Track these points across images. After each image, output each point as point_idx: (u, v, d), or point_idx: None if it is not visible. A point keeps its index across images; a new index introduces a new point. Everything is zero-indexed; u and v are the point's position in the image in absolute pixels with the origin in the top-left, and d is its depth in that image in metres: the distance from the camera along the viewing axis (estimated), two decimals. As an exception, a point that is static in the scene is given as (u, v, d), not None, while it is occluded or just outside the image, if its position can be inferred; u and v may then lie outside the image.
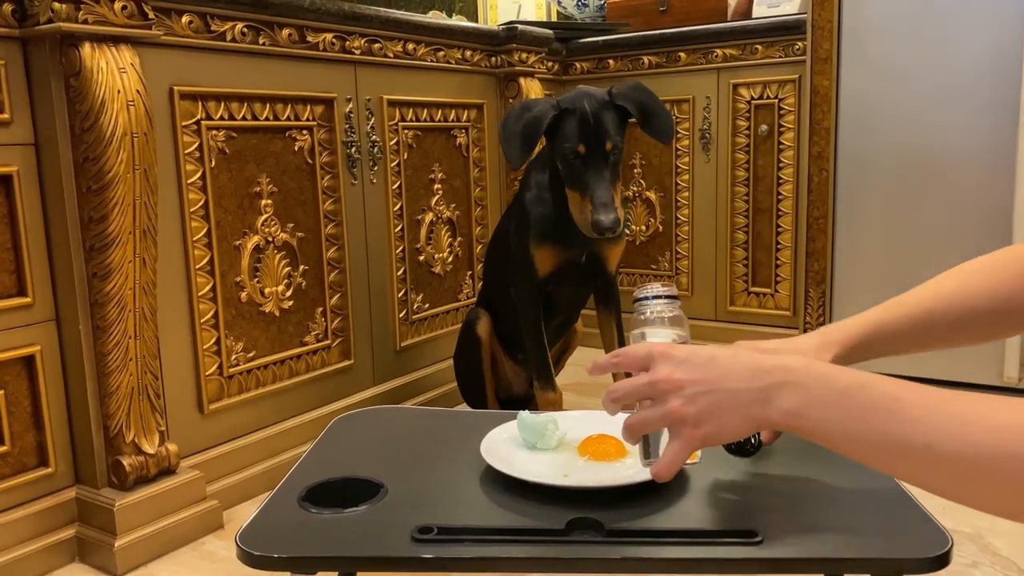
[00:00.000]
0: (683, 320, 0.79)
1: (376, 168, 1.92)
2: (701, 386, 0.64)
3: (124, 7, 1.31)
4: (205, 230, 1.55)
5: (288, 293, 1.73)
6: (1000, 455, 0.52)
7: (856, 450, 0.61)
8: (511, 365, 1.89)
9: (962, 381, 1.99)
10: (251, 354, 1.66)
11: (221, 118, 1.56)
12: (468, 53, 2.15)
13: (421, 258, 2.09)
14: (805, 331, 2.12)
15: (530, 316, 1.69)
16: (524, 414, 0.92)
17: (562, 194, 1.58)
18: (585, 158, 1.50)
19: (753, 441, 0.84)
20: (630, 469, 0.85)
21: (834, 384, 0.61)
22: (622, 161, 1.56)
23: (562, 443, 0.92)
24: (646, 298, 0.79)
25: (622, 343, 1.78)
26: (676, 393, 0.65)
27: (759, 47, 2.34)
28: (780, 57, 2.32)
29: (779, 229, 2.41)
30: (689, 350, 0.68)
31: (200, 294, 1.55)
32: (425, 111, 2.05)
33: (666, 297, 0.79)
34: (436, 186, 2.11)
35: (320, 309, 1.81)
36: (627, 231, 2.46)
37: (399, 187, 1.99)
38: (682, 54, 2.46)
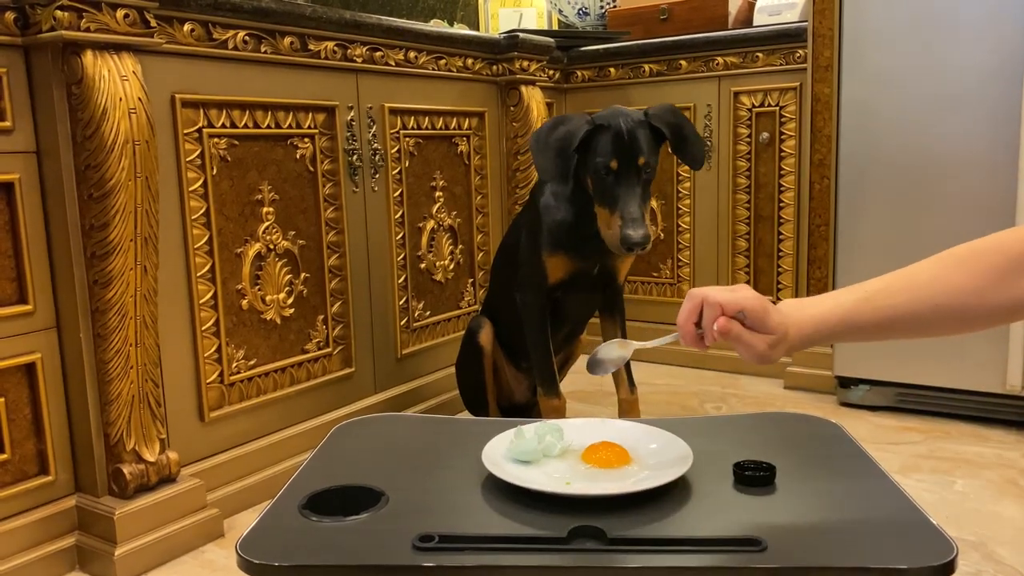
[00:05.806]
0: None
1: (377, 176, 1.92)
2: None
3: (126, 15, 1.31)
4: (206, 238, 1.55)
5: (289, 301, 1.73)
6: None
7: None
8: (513, 373, 1.89)
9: (964, 388, 1.98)
10: (252, 362, 1.66)
11: (223, 126, 1.56)
12: (469, 61, 2.16)
13: (422, 266, 2.09)
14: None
15: (535, 322, 1.68)
16: (524, 430, 0.91)
17: (580, 205, 1.58)
18: (617, 174, 1.49)
19: (761, 473, 0.84)
20: (632, 477, 0.84)
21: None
22: (653, 181, 1.56)
23: (565, 451, 0.92)
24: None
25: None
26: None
27: (760, 55, 2.35)
28: (781, 65, 2.32)
29: (781, 236, 2.41)
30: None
31: (201, 301, 1.55)
32: (426, 119, 2.05)
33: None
34: (437, 194, 2.11)
35: (321, 317, 1.81)
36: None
37: (400, 195, 1.99)
38: (683, 62, 2.47)
